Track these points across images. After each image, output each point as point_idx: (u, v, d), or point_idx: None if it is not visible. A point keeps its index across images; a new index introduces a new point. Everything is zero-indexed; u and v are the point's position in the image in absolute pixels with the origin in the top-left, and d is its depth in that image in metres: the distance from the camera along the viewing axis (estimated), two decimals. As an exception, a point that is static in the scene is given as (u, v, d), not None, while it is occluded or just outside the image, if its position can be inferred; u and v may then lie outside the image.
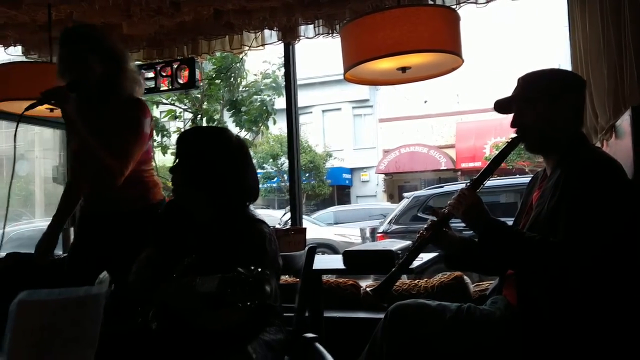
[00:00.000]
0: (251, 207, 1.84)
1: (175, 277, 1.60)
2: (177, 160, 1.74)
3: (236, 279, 1.23)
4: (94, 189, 2.25)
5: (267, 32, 3.36)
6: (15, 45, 3.35)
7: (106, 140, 2.04)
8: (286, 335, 1.74)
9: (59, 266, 2.36)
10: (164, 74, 3.71)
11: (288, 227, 3.05)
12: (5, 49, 3.33)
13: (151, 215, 2.22)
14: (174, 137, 7.32)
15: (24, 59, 3.43)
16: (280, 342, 1.68)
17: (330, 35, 3.18)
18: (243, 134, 7.45)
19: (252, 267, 1.25)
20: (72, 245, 2.41)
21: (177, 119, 7.37)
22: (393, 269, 1.77)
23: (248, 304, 1.22)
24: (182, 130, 8.14)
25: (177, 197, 1.79)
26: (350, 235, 9.59)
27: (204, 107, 7.15)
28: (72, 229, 3.32)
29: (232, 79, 6.95)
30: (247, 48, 3.46)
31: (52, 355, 0.62)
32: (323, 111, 19.95)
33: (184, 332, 1.58)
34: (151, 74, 3.68)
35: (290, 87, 3.53)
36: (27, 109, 2.02)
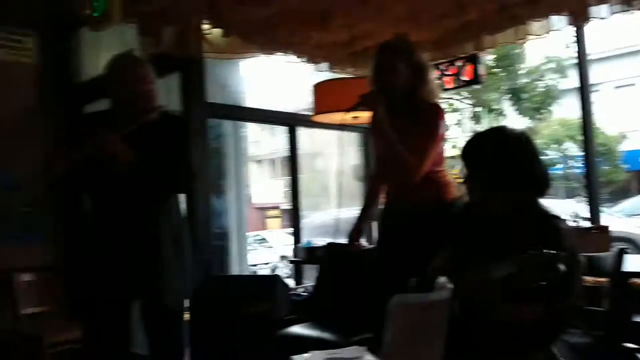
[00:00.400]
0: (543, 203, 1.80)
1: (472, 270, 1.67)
2: (466, 171, 1.81)
3: (528, 259, 1.28)
4: (396, 187, 2.49)
5: (554, 17, 3.20)
6: (322, 62, 3.88)
7: (406, 141, 2.26)
8: (593, 339, 1.67)
9: (367, 254, 2.68)
10: (448, 73, 3.84)
11: (588, 225, 2.85)
12: (315, 67, 3.89)
13: (446, 213, 2.37)
14: (453, 130, 7.46)
15: (328, 74, 3.96)
16: (586, 346, 1.63)
17: (628, 11, 2.86)
18: (525, 121, 7.15)
19: (545, 250, 1.28)
20: (378, 239, 2.69)
21: (456, 112, 7.49)
22: None
23: (542, 283, 1.27)
24: (459, 122, 8.24)
25: (473, 202, 1.86)
26: (655, 228, 8.30)
27: (483, 97, 7.09)
28: (375, 223, 3.72)
29: (511, 66, 6.73)
30: (532, 37, 3.35)
31: (417, 346, 0.78)
32: (616, 87, 17.61)
33: (486, 325, 1.64)
34: (435, 74, 3.85)
35: (582, 67, 3.31)
36: (348, 110, 2.34)
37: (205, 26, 3.17)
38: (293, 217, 4.36)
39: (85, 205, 4.22)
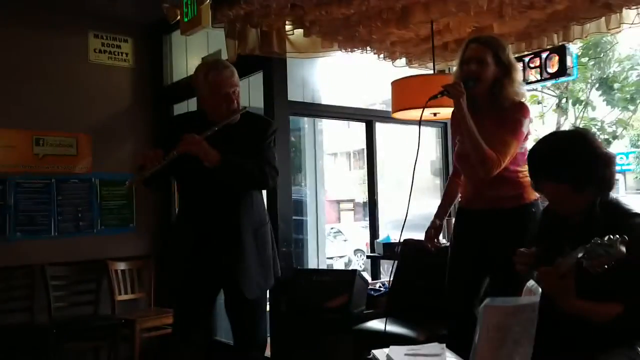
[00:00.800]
0: (623, 200, 1.76)
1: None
2: (551, 168, 1.76)
3: (592, 246, 1.36)
4: (474, 184, 2.46)
5: (652, 4, 3.01)
6: (400, 58, 3.88)
7: (487, 136, 2.23)
8: None
9: (444, 252, 2.66)
10: (532, 65, 3.71)
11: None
12: (392, 63, 3.89)
13: (525, 214, 2.32)
14: (536, 123, 7.18)
15: (406, 69, 3.95)
16: None
17: None
18: (616, 113, 6.75)
19: (610, 235, 1.36)
20: (453, 236, 2.65)
21: (539, 104, 7.20)
22: None
23: (606, 267, 1.34)
24: (542, 115, 7.90)
25: (550, 205, 1.84)
26: None
27: (569, 88, 6.77)
28: (452, 220, 3.68)
29: (602, 55, 6.38)
30: (627, 26, 3.17)
31: (506, 347, 0.80)
32: None
33: (567, 326, 1.61)
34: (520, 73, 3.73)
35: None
36: (430, 99, 2.34)
37: (288, 27, 3.27)
38: (370, 211, 4.39)
39: (175, 199, 4.49)
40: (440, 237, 2.64)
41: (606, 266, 1.34)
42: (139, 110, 4.54)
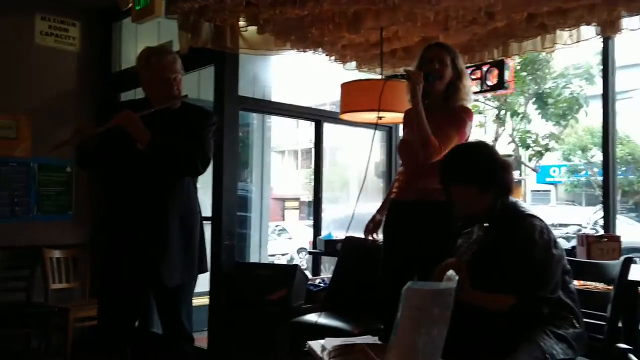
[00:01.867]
0: (522, 203, 1.99)
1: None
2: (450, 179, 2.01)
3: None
4: (409, 175, 2.59)
5: (583, 27, 3.25)
6: (350, 61, 3.99)
7: (435, 129, 2.40)
8: (585, 334, 1.79)
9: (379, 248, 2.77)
10: (473, 77, 3.90)
11: (599, 233, 2.92)
12: (343, 65, 4.00)
13: (452, 208, 2.47)
14: (478, 132, 7.48)
15: (356, 73, 4.07)
16: (574, 335, 1.75)
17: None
18: (550, 126, 7.14)
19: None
20: (384, 230, 2.73)
21: (480, 114, 7.52)
22: None
23: (471, 253, 1.50)
24: (482, 124, 8.25)
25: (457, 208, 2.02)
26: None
27: (508, 100, 7.11)
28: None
29: (538, 71, 6.74)
30: (560, 46, 3.40)
31: (424, 328, 0.90)
32: (648, 96, 17.27)
33: (471, 318, 1.76)
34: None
35: (607, 77, 3.35)
36: (389, 78, 2.50)
37: (242, 23, 3.31)
38: (314, 209, 4.49)
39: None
40: (380, 233, 2.76)
41: (471, 252, 1.49)
42: (84, 96, 4.44)
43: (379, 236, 2.74)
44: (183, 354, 2.57)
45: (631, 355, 1.59)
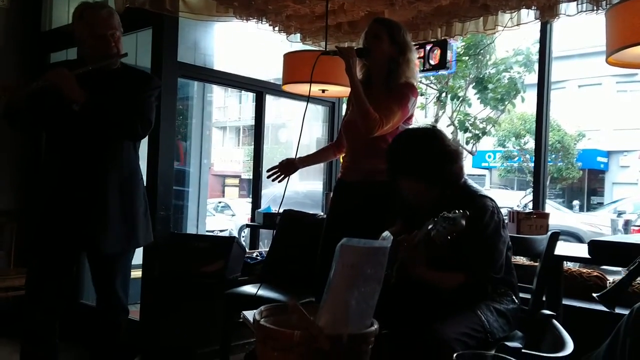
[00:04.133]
0: (473, 182, 1.97)
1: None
2: (396, 160, 1.98)
3: (439, 219, 1.55)
4: (352, 153, 2.59)
5: (523, 11, 3.32)
6: (295, 33, 3.92)
7: (376, 104, 2.37)
8: (520, 309, 1.84)
9: (320, 224, 2.78)
10: (417, 56, 3.93)
11: (530, 210, 3.04)
12: (287, 37, 3.93)
13: (394, 189, 2.49)
14: (418, 113, 7.60)
15: (300, 44, 4.01)
16: (512, 311, 1.80)
17: (595, 12, 3.01)
18: (487, 111, 7.35)
19: (456, 210, 1.53)
20: (330, 207, 2.80)
21: (422, 96, 7.64)
22: (623, 275, 1.71)
23: (448, 237, 1.51)
24: (424, 106, 8.39)
25: (403, 195, 2.01)
26: (600, 225, 8.81)
27: (449, 84, 7.25)
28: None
29: (480, 55, 6.90)
30: (501, 28, 3.47)
31: (357, 285, 0.89)
32: (579, 86, 18.13)
33: (419, 290, 1.79)
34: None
35: (544, 65, 3.44)
36: (323, 53, 2.49)
37: (182, -16, 3.18)
38: (254, 184, 4.43)
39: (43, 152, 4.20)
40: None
41: (449, 237, 1.51)
42: (11, 54, 4.16)
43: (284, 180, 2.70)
44: (116, 326, 2.49)
45: (554, 320, 1.66)
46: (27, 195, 4.10)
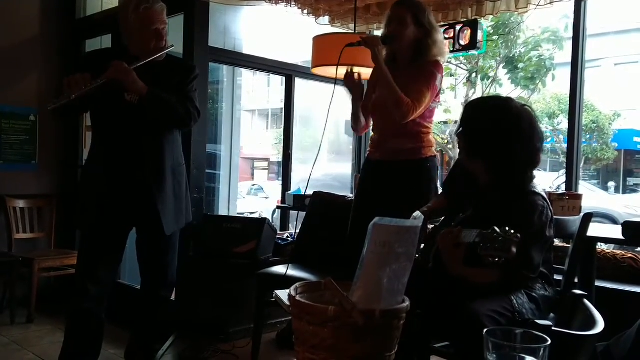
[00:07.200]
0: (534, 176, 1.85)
1: (451, 226, 1.82)
2: (460, 127, 1.88)
3: (490, 235, 1.41)
4: (381, 133, 2.60)
5: (557, -12, 3.26)
6: (324, 16, 3.93)
7: (404, 87, 2.37)
8: (554, 294, 1.83)
9: (349, 206, 2.80)
10: (447, 37, 3.88)
11: (563, 191, 3.00)
12: (316, 20, 3.94)
13: (418, 168, 2.49)
14: (448, 94, 7.52)
15: (329, 27, 4.01)
16: (543, 298, 1.78)
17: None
18: (518, 91, 7.22)
19: (507, 228, 1.40)
20: (357, 186, 2.82)
21: (452, 76, 7.54)
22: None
23: (496, 260, 1.40)
24: (453, 87, 8.28)
25: (461, 160, 1.97)
26: (637, 207, 8.60)
27: (480, 64, 7.14)
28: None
29: (510, 34, 6.76)
30: (533, 7, 3.41)
31: (389, 263, 0.92)
32: (615, 64, 17.56)
33: (449, 279, 1.78)
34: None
35: (578, 43, 3.36)
36: (347, 45, 2.44)
37: (213, -30, 3.21)
38: (284, 166, 4.48)
39: (83, 137, 4.31)
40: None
41: (496, 259, 1.42)
42: (47, 43, 4.27)
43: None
44: (164, 300, 2.61)
45: (585, 300, 1.66)
46: (66, 181, 4.25)
